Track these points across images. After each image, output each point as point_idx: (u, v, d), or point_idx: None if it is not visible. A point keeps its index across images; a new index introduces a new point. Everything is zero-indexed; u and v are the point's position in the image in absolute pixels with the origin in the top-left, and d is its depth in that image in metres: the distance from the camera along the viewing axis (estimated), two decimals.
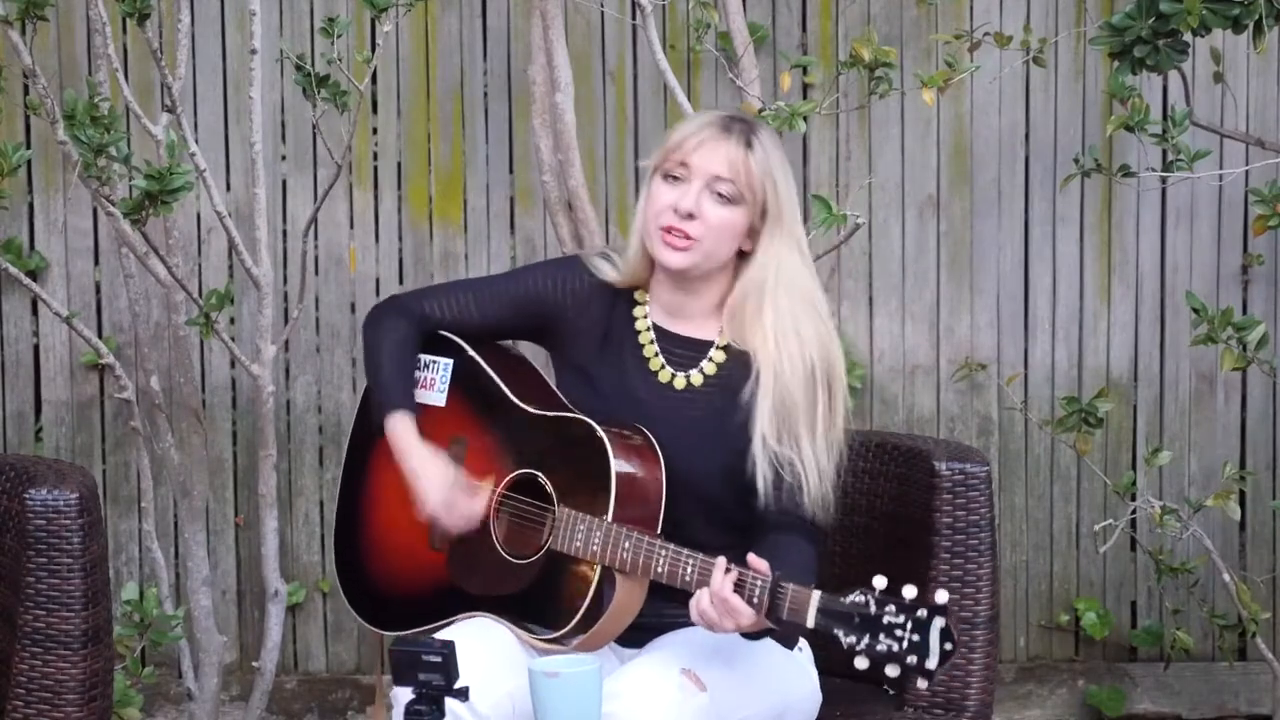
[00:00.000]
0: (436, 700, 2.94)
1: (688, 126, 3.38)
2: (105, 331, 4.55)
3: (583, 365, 3.44)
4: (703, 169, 3.32)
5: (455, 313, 3.50)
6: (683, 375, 3.41)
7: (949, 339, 4.67)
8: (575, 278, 3.47)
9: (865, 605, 2.99)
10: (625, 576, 3.24)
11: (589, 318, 3.45)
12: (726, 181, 3.31)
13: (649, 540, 3.22)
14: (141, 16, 3.96)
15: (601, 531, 3.24)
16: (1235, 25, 4.06)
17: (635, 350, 3.43)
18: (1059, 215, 4.65)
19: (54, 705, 3.29)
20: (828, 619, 3.02)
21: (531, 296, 3.47)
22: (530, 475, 3.37)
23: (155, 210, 3.81)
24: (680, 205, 3.31)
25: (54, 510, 3.29)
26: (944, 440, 3.92)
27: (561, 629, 3.27)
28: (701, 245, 3.33)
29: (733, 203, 3.32)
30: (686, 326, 3.43)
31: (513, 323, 3.50)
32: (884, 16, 4.57)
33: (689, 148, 3.33)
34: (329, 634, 4.68)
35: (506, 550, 3.37)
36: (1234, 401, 4.72)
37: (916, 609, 2.97)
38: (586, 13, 4.52)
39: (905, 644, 2.97)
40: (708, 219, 3.31)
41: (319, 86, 4.10)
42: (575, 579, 3.28)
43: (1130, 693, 4.75)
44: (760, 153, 3.33)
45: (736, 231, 3.34)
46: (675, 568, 3.19)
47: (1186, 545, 4.65)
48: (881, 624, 2.98)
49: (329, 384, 4.62)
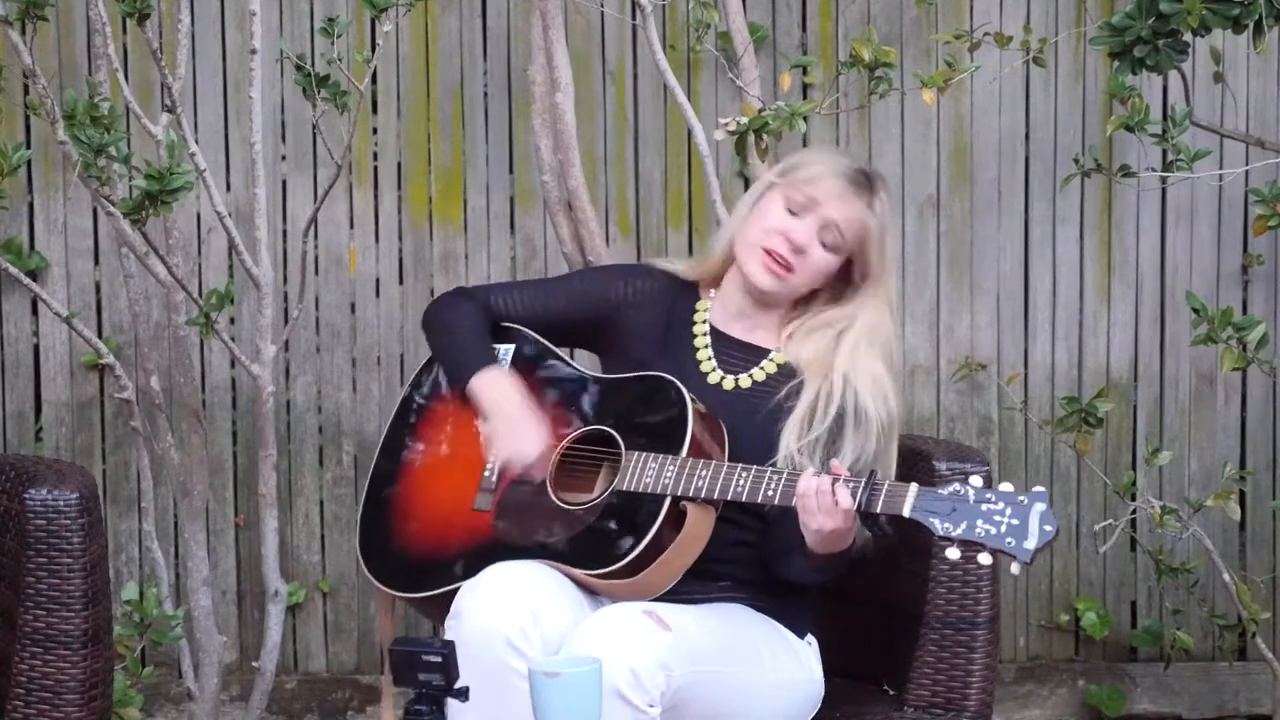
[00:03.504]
0: (437, 700, 2.95)
1: (824, 168, 3.51)
2: (105, 331, 4.55)
3: (642, 360, 3.53)
4: (824, 214, 3.46)
5: (519, 307, 3.64)
6: (732, 378, 3.52)
7: (949, 339, 4.67)
8: (642, 278, 3.62)
9: (964, 496, 3.07)
10: (697, 506, 3.31)
11: (651, 316, 3.57)
12: (840, 234, 3.46)
13: (728, 465, 3.31)
14: (141, 16, 3.96)
15: (675, 465, 3.32)
16: (1235, 25, 4.06)
17: (689, 348, 3.55)
18: (1059, 215, 4.65)
19: (54, 705, 3.30)
20: (924, 505, 3.10)
21: (596, 294, 3.62)
22: (597, 431, 3.45)
23: (155, 210, 3.80)
24: (794, 238, 3.46)
25: (54, 510, 3.30)
26: (944, 440, 3.92)
27: (626, 558, 3.31)
28: (795, 277, 3.48)
29: (836, 251, 3.48)
30: (747, 333, 3.55)
31: (575, 318, 3.62)
32: (884, 16, 4.57)
33: (823, 192, 3.47)
34: (329, 634, 4.68)
35: (563, 500, 3.42)
36: (1234, 401, 4.72)
37: (1017, 495, 3.04)
38: (586, 13, 4.52)
39: (1005, 527, 3.03)
40: (811, 258, 3.47)
41: (319, 86, 4.10)
42: (641, 513, 3.33)
43: (1130, 693, 4.75)
44: (877, 219, 3.48)
45: (828, 274, 3.50)
46: (758, 484, 3.28)
47: (1186, 545, 4.65)
48: (980, 510, 3.05)
49: (329, 384, 4.62)
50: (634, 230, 4.58)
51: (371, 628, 4.65)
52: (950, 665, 3.51)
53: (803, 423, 3.40)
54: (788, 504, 3.23)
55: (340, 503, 4.61)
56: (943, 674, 3.51)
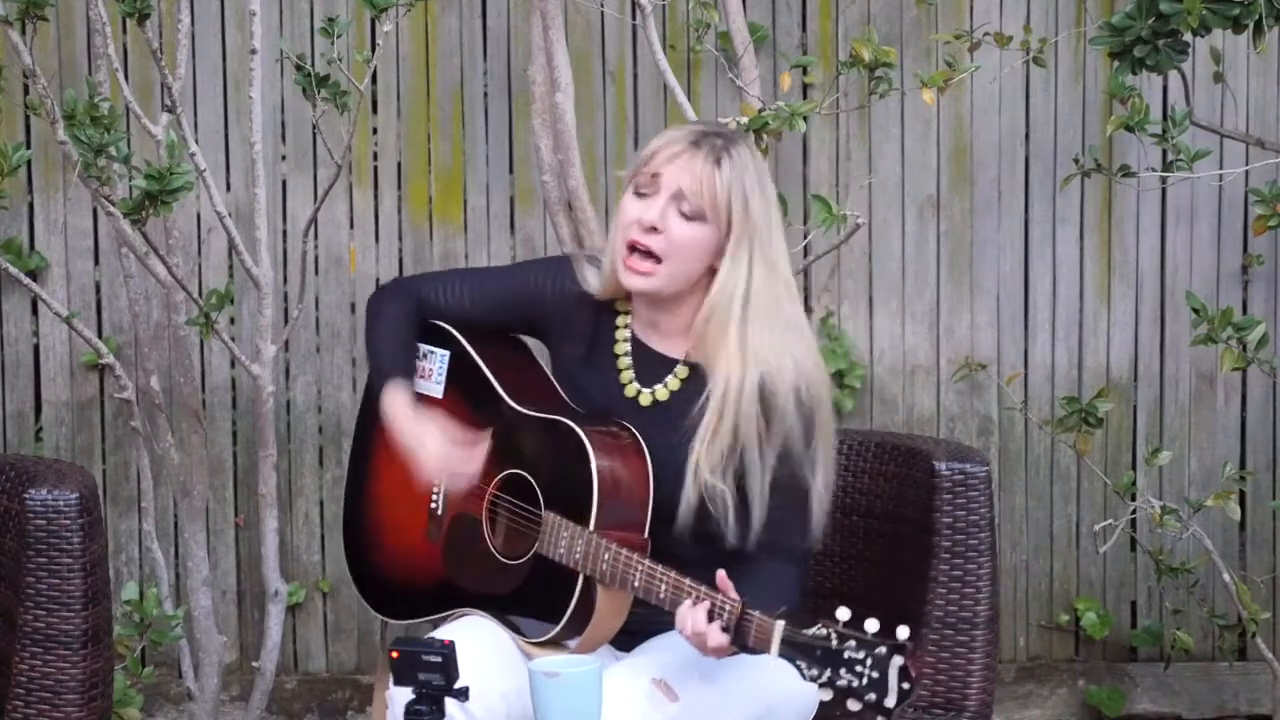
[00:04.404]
0: (436, 700, 2.95)
1: (660, 139, 3.34)
2: (105, 331, 4.55)
3: (571, 371, 3.44)
4: (669, 184, 3.28)
5: (452, 302, 3.51)
6: (649, 392, 3.38)
7: (949, 339, 4.67)
8: (565, 280, 3.45)
9: (827, 639, 2.95)
10: (605, 587, 3.24)
11: (577, 323, 3.44)
12: (690, 198, 3.27)
13: (626, 555, 3.20)
14: (141, 16, 3.96)
15: (583, 541, 3.23)
16: (1235, 25, 4.06)
17: (612, 363, 3.42)
18: (1059, 215, 4.65)
19: (54, 705, 3.30)
20: (791, 650, 2.99)
21: (523, 296, 3.47)
22: (521, 476, 3.37)
23: (155, 210, 3.80)
24: (645, 218, 3.28)
25: (54, 510, 3.30)
26: (944, 440, 3.92)
27: (549, 633, 3.29)
28: (666, 264, 3.28)
29: (697, 220, 3.28)
30: (662, 342, 3.40)
31: (505, 319, 3.51)
32: (884, 16, 4.57)
33: (658, 161, 3.30)
34: (329, 634, 4.68)
35: (498, 549, 3.38)
36: (1234, 401, 4.72)
37: (876, 646, 2.93)
38: (586, 13, 4.52)
39: (865, 680, 2.93)
40: (672, 234, 3.27)
41: (319, 86, 4.10)
42: (562, 584, 3.27)
43: (1130, 693, 4.75)
44: (729, 170, 3.26)
45: (704, 249, 3.29)
46: (650, 584, 3.18)
47: (1186, 545, 4.65)
48: (842, 658, 2.94)
49: (329, 384, 4.62)
50: None
51: (371, 628, 4.65)
52: (950, 665, 3.50)
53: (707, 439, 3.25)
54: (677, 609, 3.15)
55: (340, 503, 4.60)
56: (942, 674, 3.50)
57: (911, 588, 3.53)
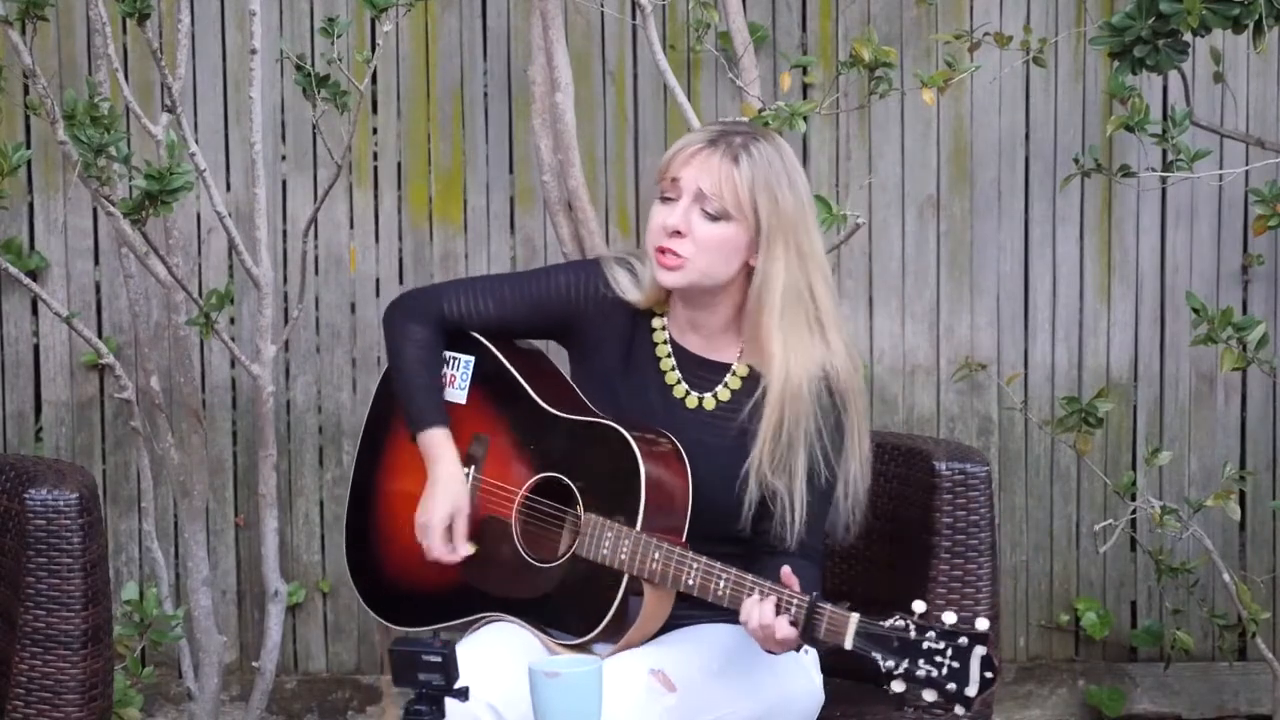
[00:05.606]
0: (436, 700, 2.94)
1: (680, 141, 3.32)
2: (105, 331, 4.55)
3: (606, 377, 3.40)
4: (689, 186, 3.26)
5: (475, 313, 3.45)
6: (696, 397, 3.36)
7: (949, 339, 4.67)
8: (597, 284, 3.41)
9: (905, 630, 2.98)
10: (654, 587, 3.23)
11: (611, 328, 3.40)
12: (711, 198, 3.24)
13: (680, 552, 3.19)
14: (141, 16, 3.96)
15: (630, 541, 3.21)
16: (1235, 25, 4.06)
17: (655, 370, 3.39)
18: (1059, 215, 4.65)
19: (54, 705, 3.30)
20: (866, 642, 3.01)
21: (553, 299, 3.42)
22: (555, 479, 3.35)
23: (155, 210, 3.80)
24: (668, 223, 3.26)
25: (54, 510, 3.30)
26: (944, 440, 3.92)
27: (586, 635, 3.26)
28: (695, 264, 3.26)
29: (721, 219, 3.26)
30: (705, 346, 3.38)
31: (533, 324, 3.46)
32: (884, 16, 4.57)
33: (677, 164, 3.28)
34: (329, 634, 4.68)
35: (529, 553, 3.35)
36: (1234, 401, 4.72)
37: (957, 636, 2.96)
38: (586, 13, 4.52)
39: (945, 670, 2.96)
40: (696, 236, 3.25)
41: (319, 86, 4.10)
42: (601, 586, 3.25)
43: (1130, 693, 4.75)
44: (748, 168, 3.24)
45: (734, 248, 3.27)
46: (708, 582, 3.17)
47: (1186, 545, 4.65)
48: (921, 649, 2.97)
49: (329, 384, 4.62)
50: (634, 230, 4.57)
51: (371, 628, 4.65)
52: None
53: (768, 438, 3.25)
54: (736, 607, 3.14)
55: (340, 503, 4.61)
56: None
57: (911, 588, 3.53)
